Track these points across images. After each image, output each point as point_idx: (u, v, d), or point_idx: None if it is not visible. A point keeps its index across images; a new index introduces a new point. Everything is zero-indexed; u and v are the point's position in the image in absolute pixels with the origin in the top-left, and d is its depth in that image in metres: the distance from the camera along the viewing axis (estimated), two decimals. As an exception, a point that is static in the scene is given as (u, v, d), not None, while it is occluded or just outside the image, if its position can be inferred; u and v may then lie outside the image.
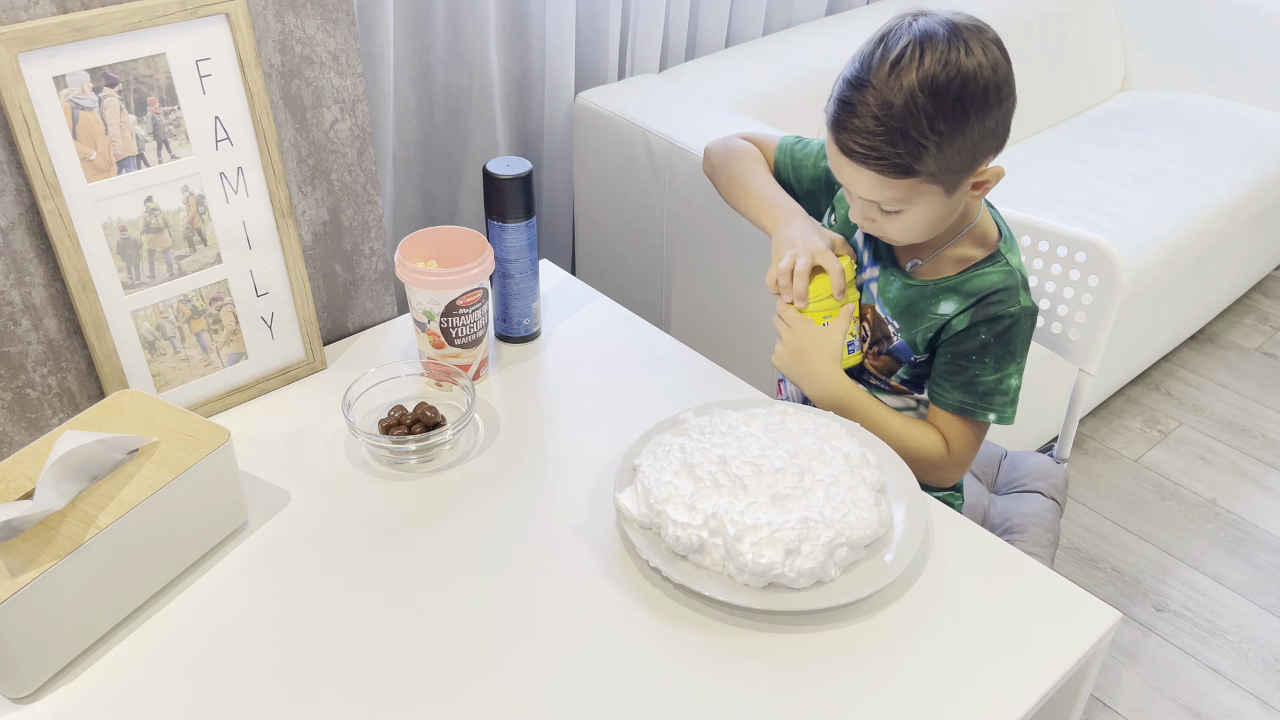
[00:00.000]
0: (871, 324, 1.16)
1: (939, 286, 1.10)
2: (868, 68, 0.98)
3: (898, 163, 0.98)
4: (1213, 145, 2.40)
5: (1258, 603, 1.84)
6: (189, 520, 0.91)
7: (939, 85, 0.95)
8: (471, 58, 1.82)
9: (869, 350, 1.18)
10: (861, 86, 0.98)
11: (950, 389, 1.11)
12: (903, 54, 0.96)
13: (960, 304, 1.09)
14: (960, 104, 0.96)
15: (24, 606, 0.78)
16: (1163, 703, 1.66)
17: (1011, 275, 1.08)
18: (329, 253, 1.20)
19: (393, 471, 1.05)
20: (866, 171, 1.01)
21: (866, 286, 1.16)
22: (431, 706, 0.82)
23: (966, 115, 0.97)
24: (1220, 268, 2.30)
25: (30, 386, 1.02)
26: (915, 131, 0.96)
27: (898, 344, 1.14)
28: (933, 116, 0.96)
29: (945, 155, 0.98)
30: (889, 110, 0.96)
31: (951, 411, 1.11)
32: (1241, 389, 2.35)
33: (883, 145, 0.98)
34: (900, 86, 0.96)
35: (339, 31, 1.09)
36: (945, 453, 1.12)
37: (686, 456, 0.97)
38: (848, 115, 0.99)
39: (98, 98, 0.94)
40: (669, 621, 0.89)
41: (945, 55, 0.95)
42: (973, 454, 1.14)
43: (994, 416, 1.11)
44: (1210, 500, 2.05)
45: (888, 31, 0.99)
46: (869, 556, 0.93)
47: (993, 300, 1.07)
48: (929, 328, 1.11)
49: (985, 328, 1.08)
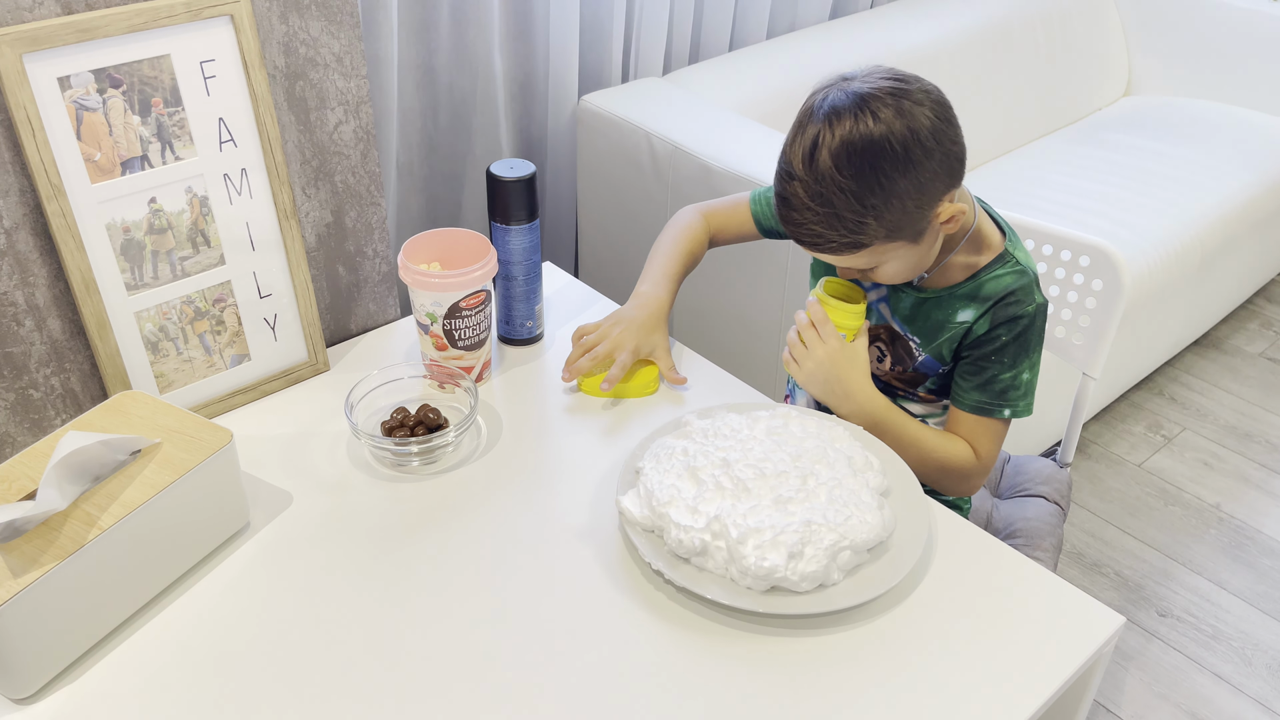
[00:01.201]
0: (889, 343, 1.16)
1: (953, 294, 1.10)
2: (788, 159, 1.00)
3: (845, 241, 0.99)
4: (1217, 150, 2.40)
5: (1261, 608, 1.83)
6: (191, 522, 0.91)
7: (853, 160, 0.96)
8: (475, 60, 1.82)
9: (894, 370, 1.17)
10: (789, 179, 0.99)
11: (969, 389, 1.11)
12: (816, 139, 0.97)
13: (979, 309, 1.09)
14: (878, 172, 0.96)
15: (26, 607, 0.78)
16: (1165, 708, 1.66)
17: (1024, 274, 1.09)
18: (332, 254, 1.20)
19: (395, 473, 1.05)
20: (822, 253, 1.03)
21: (875, 308, 1.16)
22: (433, 707, 0.82)
23: (891, 179, 0.96)
24: (1224, 272, 2.29)
25: (33, 387, 1.03)
26: (848, 210, 0.97)
27: (923, 359, 1.14)
28: (858, 192, 0.96)
29: (887, 219, 0.98)
30: (818, 198, 0.97)
31: (971, 411, 1.12)
32: (1245, 394, 2.34)
33: (824, 230, 0.99)
34: (819, 174, 0.97)
35: (343, 33, 1.09)
36: (974, 460, 1.12)
37: (689, 459, 0.97)
38: (786, 210, 1.01)
39: (102, 99, 0.94)
40: (671, 624, 0.89)
41: (853, 129, 0.95)
42: (995, 456, 1.14)
43: (1009, 412, 1.11)
44: (1214, 505, 2.05)
45: (804, 116, 1.00)
46: (872, 560, 0.93)
47: (1010, 301, 1.08)
48: (952, 337, 1.11)
49: (1005, 329, 1.08)
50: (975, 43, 2.39)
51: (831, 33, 2.27)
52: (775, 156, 1.80)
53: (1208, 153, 2.39)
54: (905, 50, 2.25)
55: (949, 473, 1.12)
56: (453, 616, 0.89)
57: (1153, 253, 2.00)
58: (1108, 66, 2.77)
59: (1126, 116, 2.67)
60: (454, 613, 0.90)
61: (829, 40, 2.23)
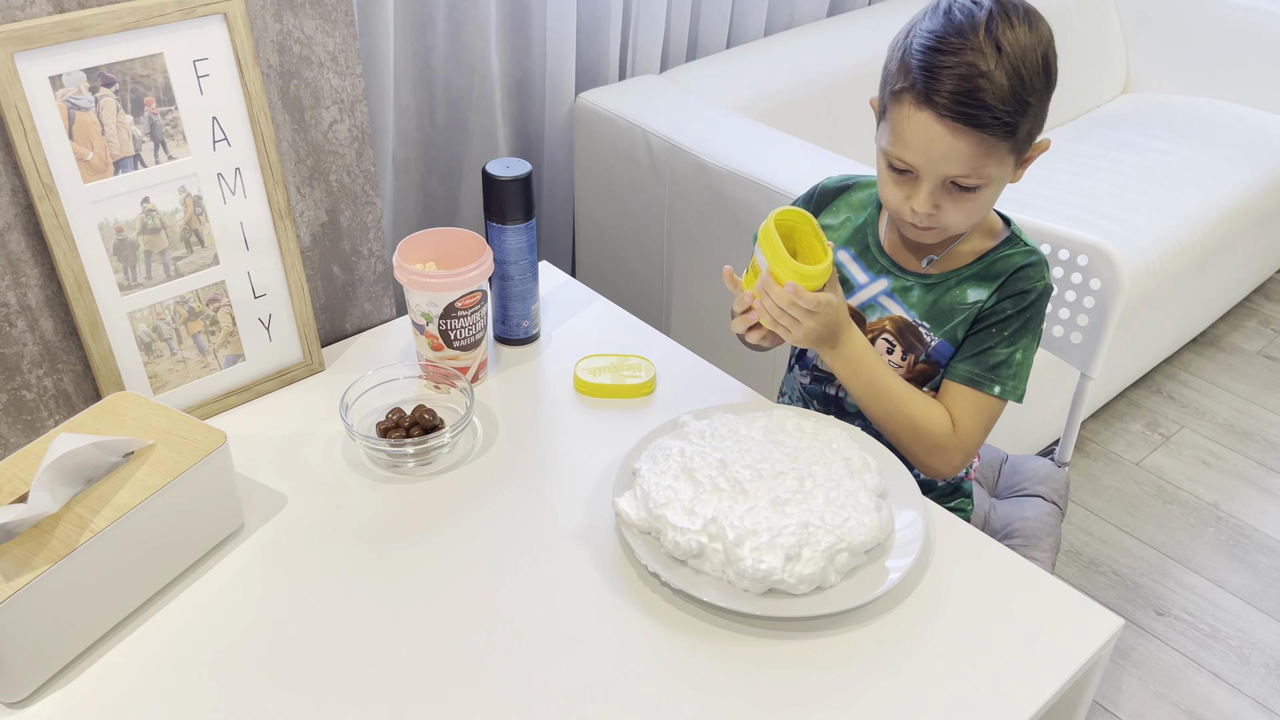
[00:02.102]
0: (897, 334, 1.14)
1: (961, 276, 1.10)
2: (957, 30, 0.97)
3: (1007, 120, 0.97)
4: (1215, 148, 2.40)
5: (1259, 607, 1.83)
6: (185, 524, 0.91)
7: (1027, 48, 0.96)
8: (472, 58, 1.81)
9: (906, 360, 1.14)
10: (959, 49, 0.96)
11: (962, 359, 1.10)
12: (990, 17, 0.96)
13: (990, 287, 1.09)
14: (1045, 68, 0.98)
15: (18, 611, 0.77)
16: (1163, 707, 1.66)
17: (1034, 253, 1.09)
18: (327, 254, 1.19)
19: (390, 474, 1.05)
20: (970, 136, 0.97)
21: (877, 301, 1.14)
22: (428, 709, 0.81)
23: (1049, 79, 0.99)
24: (1222, 271, 2.29)
25: (26, 388, 1.02)
26: (1019, 88, 0.96)
27: (936, 344, 1.12)
28: (1030, 75, 0.97)
29: (1032, 118, 0.99)
30: (998, 65, 0.96)
31: (959, 382, 1.10)
32: (1243, 392, 2.34)
33: (993, 102, 0.96)
34: (1000, 46, 0.96)
35: (338, 32, 1.09)
36: (950, 430, 1.09)
37: (686, 460, 0.96)
38: (951, 76, 0.96)
39: (94, 98, 0.94)
40: (668, 627, 0.89)
41: (1024, 20, 0.97)
42: (978, 437, 1.10)
43: (999, 389, 1.08)
44: (1211, 504, 2.05)
45: (949, 3, 1.00)
46: (869, 562, 0.92)
47: (1021, 275, 1.08)
48: (964, 319, 1.10)
49: (1011, 302, 1.08)
50: (973, 40, 2.38)
51: (829, 30, 2.26)
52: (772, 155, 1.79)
53: (1206, 150, 2.38)
54: (903, 48, 2.24)
55: (920, 434, 1.08)
56: (448, 618, 0.89)
57: (1151, 251, 2.00)
58: (1106, 64, 2.77)
59: (1125, 114, 2.67)
60: (449, 614, 0.89)
61: (827, 38, 2.23)
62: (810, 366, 1.22)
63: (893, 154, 1.02)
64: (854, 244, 1.16)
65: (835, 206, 1.19)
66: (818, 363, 1.21)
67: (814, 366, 1.21)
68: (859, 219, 1.17)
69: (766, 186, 1.65)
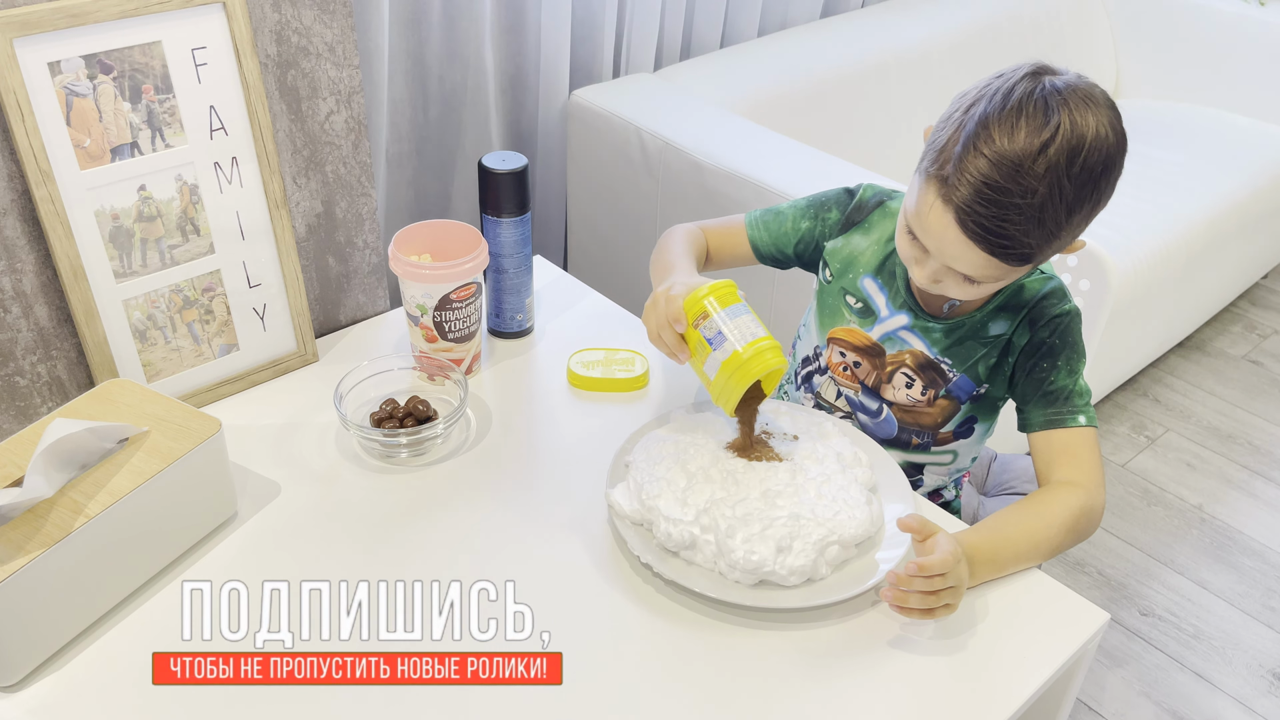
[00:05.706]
0: (918, 369, 1.09)
1: (984, 311, 1.06)
2: (1013, 140, 0.87)
3: (1026, 254, 0.91)
4: (1203, 153, 2.42)
5: (1241, 608, 1.85)
6: (179, 510, 0.91)
7: (1086, 167, 0.88)
8: (466, 53, 1.82)
9: (926, 397, 1.10)
10: (1000, 161, 0.87)
11: (1035, 409, 1.04)
12: (1056, 133, 0.86)
13: (1012, 318, 1.04)
14: (1094, 185, 0.89)
15: (12, 594, 0.77)
16: (1147, 706, 1.67)
17: (1051, 279, 1.05)
18: (322, 245, 1.19)
19: (384, 465, 1.05)
20: (979, 252, 0.91)
21: (897, 335, 1.09)
22: (420, 700, 0.82)
23: (1099, 194, 0.91)
24: (1209, 275, 2.31)
25: (20, 374, 1.02)
26: (1051, 221, 0.89)
27: (956, 380, 1.08)
28: (1072, 204, 0.89)
29: (1064, 239, 0.92)
30: (1031, 198, 0.87)
31: (1042, 429, 1.03)
32: (1228, 396, 2.36)
33: (1018, 234, 0.89)
34: (1045, 171, 0.87)
35: (336, 23, 1.09)
36: (1078, 492, 0.98)
37: (679, 452, 0.97)
38: (984, 198, 0.88)
39: (92, 85, 0.94)
40: (660, 618, 0.89)
41: (1093, 129, 0.87)
42: (1099, 472, 1.01)
43: (1084, 419, 1.02)
44: (1196, 506, 2.06)
45: (1024, 95, 0.89)
46: (860, 555, 0.93)
47: (1046, 305, 1.03)
48: (988, 354, 1.06)
49: (1046, 330, 1.03)
50: (964, 44, 2.40)
51: (822, 31, 2.27)
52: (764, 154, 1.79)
53: (1194, 156, 2.40)
54: (894, 50, 2.26)
55: (1077, 528, 0.97)
56: (440, 608, 0.89)
57: (1139, 255, 2.02)
58: (1096, 70, 2.78)
59: (1114, 119, 2.68)
60: (441, 604, 0.89)
61: (820, 38, 2.24)
62: (815, 393, 1.18)
63: (910, 222, 0.97)
64: (881, 273, 1.10)
65: (868, 223, 1.12)
66: (821, 390, 1.18)
67: (818, 393, 1.18)
68: (888, 248, 1.10)
69: (758, 184, 1.65)
